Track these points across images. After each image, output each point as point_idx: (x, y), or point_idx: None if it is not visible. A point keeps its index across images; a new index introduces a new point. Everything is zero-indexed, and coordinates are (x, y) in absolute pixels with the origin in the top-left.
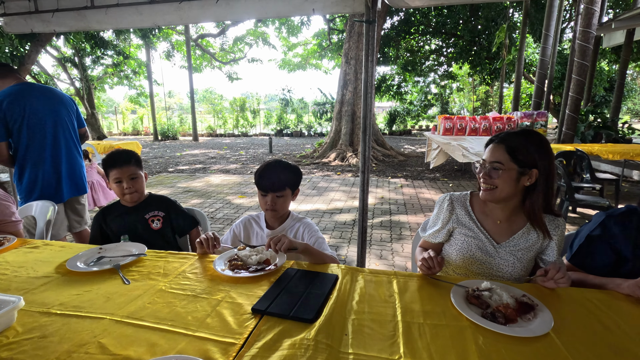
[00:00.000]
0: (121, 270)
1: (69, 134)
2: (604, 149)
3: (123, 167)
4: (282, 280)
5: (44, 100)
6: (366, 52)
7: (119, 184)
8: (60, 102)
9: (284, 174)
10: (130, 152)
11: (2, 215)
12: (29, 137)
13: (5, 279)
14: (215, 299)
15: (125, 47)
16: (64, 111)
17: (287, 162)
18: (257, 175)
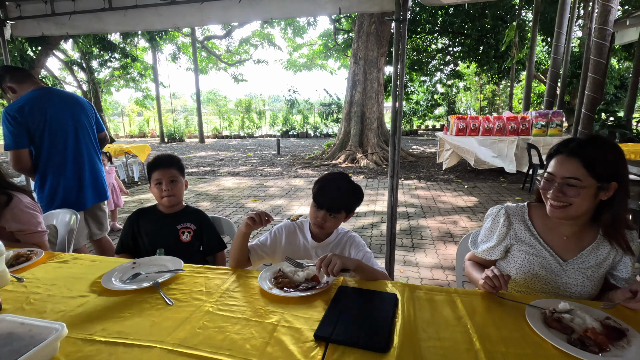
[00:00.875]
0: (161, 289)
1: (90, 139)
2: (626, 149)
3: (165, 169)
4: (338, 301)
5: (64, 105)
6: (396, 52)
7: (159, 186)
8: (80, 107)
9: (346, 196)
10: (174, 157)
11: (28, 225)
12: (51, 144)
13: (40, 299)
14: (270, 323)
15: (131, 49)
16: (84, 116)
17: (351, 182)
18: (316, 187)
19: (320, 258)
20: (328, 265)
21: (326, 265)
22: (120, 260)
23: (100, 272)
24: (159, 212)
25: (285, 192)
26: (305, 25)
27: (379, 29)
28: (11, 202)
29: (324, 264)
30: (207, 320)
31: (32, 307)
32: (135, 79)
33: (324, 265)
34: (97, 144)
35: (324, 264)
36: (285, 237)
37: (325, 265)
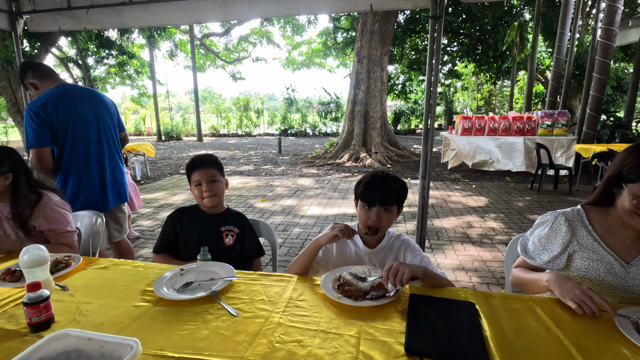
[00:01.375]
0: (220, 298)
1: (112, 139)
2: None
3: (204, 169)
4: (415, 311)
5: (88, 102)
6: (431, 49)
7: (199, 187)
8: (103, 105)
9: (395, 187)
10: (212, 156)
11: (59, 224)
12: (74, 143)
13: (92, 310)
14: (351, 336)
15: (128, 46)
16: (107, 114)
17: (395, 176)
18: (361, 188)
19: (387, 268)
20: (396, 275)
21: (394, 274)
22: (164, 266)
23: (146, 279)
24: (202, 212)
25: (293, 192)
26: (306, 23)
27: (382, 27)
28: (41, 200)
29: (391, 273)
30: (281, 333)
31: (86, 319)
32: (131, 76)
33: (392, 275)
34: (119, 143)
35: (392, 274)
36: (335, 246)
37: (393, 275)
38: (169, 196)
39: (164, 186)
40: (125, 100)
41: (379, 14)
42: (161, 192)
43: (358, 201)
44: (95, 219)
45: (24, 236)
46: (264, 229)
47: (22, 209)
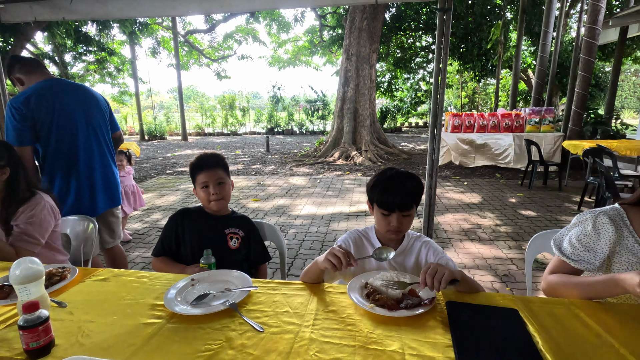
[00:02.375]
0: (240, 311)
1: (103, 138)
2: (622, 145)
3: (211, 171)
4: (458, 320)
5: (76, 98)
6: (438, 43)
7: (206, 189)
8: (93, 101)
9: (412, 186)
10: (219, 156)
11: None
12: (58, 140)
13: (96, 330)
14: (395, 352)
15: (108, 42)
16: (97, 111)
17: (409, 172)
18: (377, 191)
19: (424, 270)
20: (434, 277)
21: (432, 275)
22: (171, 276)
23: (153, 292)
24: (206, 214)
25: (286, 191)
26: (292, 21)
27: (370, 25)
28: (32, 199)
29: (429, 274)
30: (316, 351)
31: (91, 341)
32: (111, 74)
33: (429, 275)
34: (111, 143)
35: (429, 275)
36: (354, 251)
37: (432, 276)
38: (157, 198)
39: (151, 187)
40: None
41: (367, 11)
42: (149, 194)
43: (374, 205)
44: (86, 225)
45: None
46: (270, 232)
47: (10, 206)
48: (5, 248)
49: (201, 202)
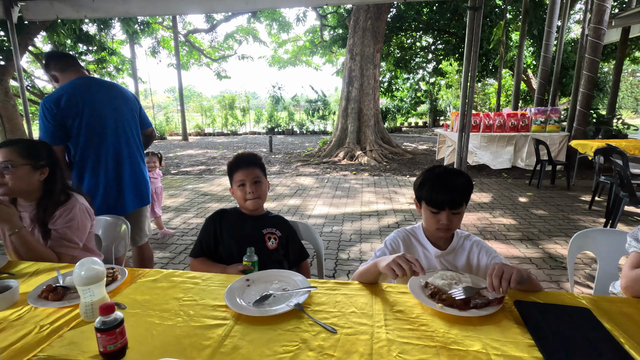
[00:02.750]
0: (307, 312)
1: (132, 136)
2: (630, 145)
3: (248, 169)
4: (532, 320)
5: (105, 96)
6: (469, 41)
7: (242, 188)
8: (123, 99)
9: (462, 183)
10: (256, 155)
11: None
12: (87, 139)
13: (165, 332)
14: (479, 352)
15: (108, 42)
16: (127, 109)
17: (457, 169)
18: (426, 189)
19: (490, 271)
20: (501, 278)
21: (498, 277)
22: (223, 277)
23: (210, 292)
24: (243, 215)
25: (295, 191)
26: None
27: (374, 24)
28: (68, 201)
29: (496, 275)
30: (399, 352)
31: (163, 343)
32: (111, 74)
33: (496, 277)
34: (140, 141)
35: (496, 275)
36: (404, 250)
37: (498, 278)
38: (165, 198)
39: None
40: None
41: (371, 11)
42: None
43: (422, 203)
44: (119, 225)
45: (42, 240)
46: (305, 231)
47: (47, 208)
48: (48, 254)
49: (237, 201)
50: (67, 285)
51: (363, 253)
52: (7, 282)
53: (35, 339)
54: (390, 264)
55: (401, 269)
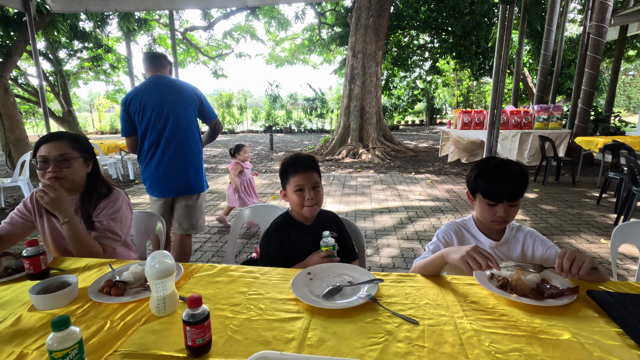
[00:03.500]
0: (381, 304)
1: (188, 128)
2: (635, 141)
3: (307, 174)
4: (615, 309)
5: (166, 96)
6: (500, 35)
7: (300, 193)
8: (180, 94)
9: (519, 174)
10: (314, 158)
11: (115, 224)
12: (150, 134)
13: (245, 326)
14: (570, 341)
15: (104, 39)
16: (183, 108)
17: (512, 160)
18: (482, 180)
19: (560, 255)
20: (572, 262)
21: (570, 261)
22: (281, 270)
23: (272, 286)
24: (300, 225)
25: None
26: (293, 18)
27: (376, 22)
28: (111, 194)
29: (567, 258)
30: (490, 342)
31: (245, 337)
32: (106, 71)
33: (568, 260)
34: (198, 134)
35: (567, 259)
36: (457, 243)
37: (570, 261)
38: None
39: None
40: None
41: (373, 8)
42: None
43: (477, 196)
44: (155, 223)
45: None
46: (353, 232)
47: (92, 200)
48: (96, 246)
49: (292, 205)
50: (125, 280)
51: (381, 249)
52: (66, 277)
53: (110, 334)
54: (465, 257)
55: (477, 263)
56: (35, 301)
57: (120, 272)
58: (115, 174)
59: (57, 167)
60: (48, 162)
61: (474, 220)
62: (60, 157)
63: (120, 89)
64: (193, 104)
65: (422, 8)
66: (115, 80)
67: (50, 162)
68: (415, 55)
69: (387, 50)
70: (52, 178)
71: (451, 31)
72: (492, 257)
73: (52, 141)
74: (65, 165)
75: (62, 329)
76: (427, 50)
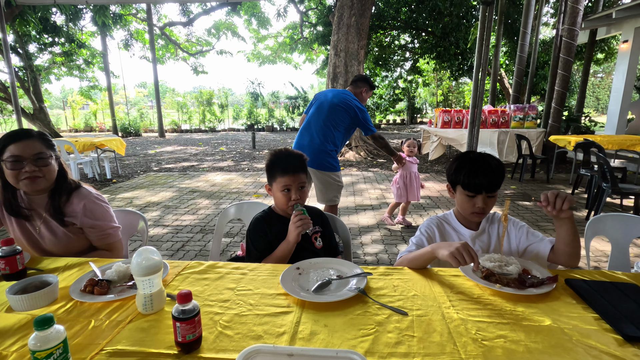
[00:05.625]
0: (371, 297)
1: (324, 123)
2: (604, 140)
3: (296, 175)
4: (588, 296)
5: (326, 94)
6: (481, 35)
7: (287, 193)
8: (336, 98)
9: (496, 166)
10: (302, 157)
11: (103, 220)
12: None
13: (235, 322)
14: (552, 326)
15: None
16: (332, 107)
17: (490, 154)
18: (462, 172)
19: (544, 194)
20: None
21: (554, 195)
22: (269, 266)
23: (261, 282)
24: (285, 220)
25: None
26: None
27: (359, 21)
28: (80, 188)
29: (552, 193)
30: (477, 329)
31: (236, 332)
32: (80, 67)
33: (552, 194)
34: (330, 130)
35: (552, 194)
36: (439, 236)
37: (554, 195)
38: (152, 195)
39: (141, 184)
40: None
41: (356, 7)
42: (140, 191)
43: (457, 188)
44: (136, 220)
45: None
46: (341, 229)
47: (62, 196)
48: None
49: (277, 203)
50: (108, 278)
51: (365, 245)
52: (45, 277)
53: (96, 333)
54: (455, 253)
55: (464, 260)
56: (13, 302)
57: (103, 270)
58: (91, 173)
59: (34, 167)
60: (22, 162)
61: (455, 214)
62: (36, 156)
63: (96, 85)
64: (343, 111)
65: (402, 9)
66: (90, 77)
67: (25, 162)
68: (396, 55)
69: (369, 50)
70: (29, 178)
71: (431, 32)
72: (476, 257)
73: (25, 140)
74: (42, 164)
75: (45, 327)
76: (407, 51)
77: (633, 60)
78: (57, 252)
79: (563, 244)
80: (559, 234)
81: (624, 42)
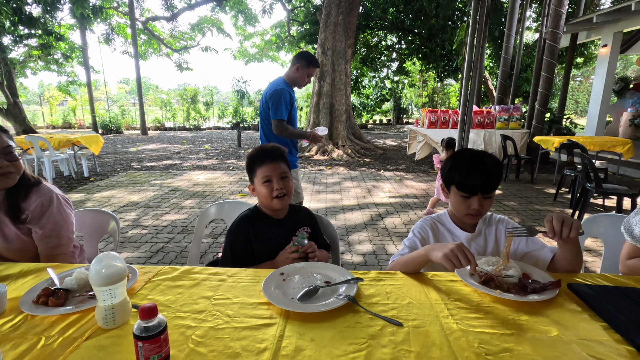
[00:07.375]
0: (362, 305)
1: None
2: (587, 141)
3: (274, 163)
4: (597, 303)
5: None
6: (472, 30)
7: (268, 184)
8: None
9: (493, 165)
10: (280, 148)
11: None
12: None
13: (209, 337)
14: (560, 337)
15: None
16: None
17: (486, 152)
18: (457, 171)
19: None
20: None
21: (560, 222)
22: (250, 272)
23: (242, 290)
24: (270, 219)
25: None
26: (260, 12)
27: (346, 20)
28: (40, 185)
29: (557, 219)
30: (479, 342)
31: (210, 350)
32: (58, 61)
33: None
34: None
35: (557, 220)
36: (433, 238)
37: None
38: (131, 194)
39: (120, 183)
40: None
41: (343, 6)
42: (118, 190)
43: (451, 188)
44: (107, 221)
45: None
46: (323, 225)
47: (20, 192)
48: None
49: (261, 199)
50: (67, 287)
51: (352, 245)
52: None
53: (45, 354)
54: (449, 255)
55: (460, 262)
56: None
57: (62, 278)
58: (67, 171)
59: (5, 161)
60: None
61: (449, 214)
62: (5, 150)
63: (75, 81)
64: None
65: (389, 9)
66: (69, 72)
67: None
68: (383, 56)
69: (356, 50)
70: (2, 175)
71: (417, 33)
72: (473, 259)
73: None
74: (12, 158)
75: None
76: (394, 51)
77: (612, 63)
78: (11, 256)
79: (566, 262)
80: (562, 253)
81: (603, 46)
